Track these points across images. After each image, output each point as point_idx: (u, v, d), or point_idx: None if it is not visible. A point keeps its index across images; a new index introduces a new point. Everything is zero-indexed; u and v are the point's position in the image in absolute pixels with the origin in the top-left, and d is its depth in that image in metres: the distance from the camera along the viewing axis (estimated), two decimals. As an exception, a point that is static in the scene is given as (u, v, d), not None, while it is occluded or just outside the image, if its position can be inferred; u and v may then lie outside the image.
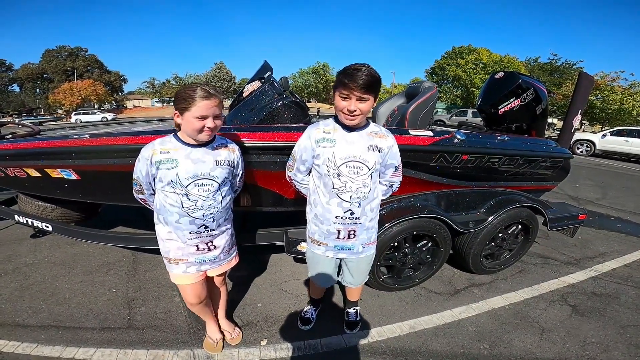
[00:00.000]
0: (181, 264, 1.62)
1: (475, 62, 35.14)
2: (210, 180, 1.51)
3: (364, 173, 1.56)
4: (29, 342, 1.97)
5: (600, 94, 22.04)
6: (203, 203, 1.51)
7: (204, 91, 1.38)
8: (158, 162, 1.45)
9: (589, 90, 3.64)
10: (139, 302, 2.39)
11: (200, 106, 1.37)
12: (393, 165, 1.68)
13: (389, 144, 1.61)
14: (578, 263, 3.30)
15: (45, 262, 2.92)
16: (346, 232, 1.68)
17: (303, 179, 1.74)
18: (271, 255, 3.12)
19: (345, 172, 1.55)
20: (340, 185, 1.56)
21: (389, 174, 1.71)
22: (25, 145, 2.31)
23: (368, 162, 1.56)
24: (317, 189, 1.65)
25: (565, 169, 3.37)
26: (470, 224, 2.54)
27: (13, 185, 2.72)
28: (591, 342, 2.17)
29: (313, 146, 1.58)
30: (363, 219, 1.66)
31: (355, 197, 1.58)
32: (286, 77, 2.95)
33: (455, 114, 21.78)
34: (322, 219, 1.67)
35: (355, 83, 1.37)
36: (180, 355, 1.91)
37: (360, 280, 1.94)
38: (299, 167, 1.68)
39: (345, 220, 1.64)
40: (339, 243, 1.72)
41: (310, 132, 1.60)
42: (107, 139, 2.13)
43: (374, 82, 1.40)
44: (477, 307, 2.47)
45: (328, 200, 1.61)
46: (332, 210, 1.62)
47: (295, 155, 1.67)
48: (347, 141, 1.54)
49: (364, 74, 1.38)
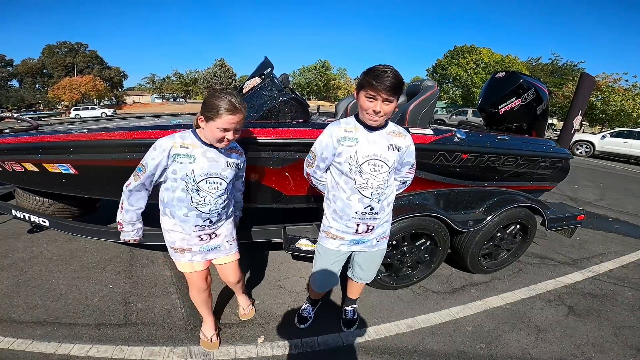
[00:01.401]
0: (187, 253, 1.69)
1: (477, 61, 35.13)
2: (220, 179, 1.60)
3: (384, 171, 1.61)
4: (24, 338, 1.96)
5: (601, 95, 22.02)
6: (211, 199, 1.60)
7: (230, 105, 1.43)
8: (176, 155, 1.50)
9: (590, 91, 3.64)
10: (136, 299, 2.38)
11: (224, 120, 1.44)
12: (409, 163, 1.73)
13: (407, 143, 1.65)
14: (575, 263, 3.30)
15: (42, 257, 2.91)
16: (364, 226, 1.71)
17: (322, 176, 1.77)
18: (269, 253, 3.12)
19: (367, 169, 1.58)
20: (362, 182, 1.60)
21: (405, 171, 1.76)
22: (23, 140, 2.29)
23: (388, 160, 1.60)
24: (336, 185, 1.68)
25: (564, 169, 3.37)
26: (468, 223, 2.54)
27: (10, 180, 2.70)
28: (587, 343, 2.17)
29: (335, 144, 1.60)
30: (381, 214, 1.70)
31: (375, 193, 1.63)
32: (287, 74, 2.94)
33: (456, 113, 21.75)
34: (342, 214, 1.69)
35: (383, 85, 1.39)
36: (176, 352, 1.90)
37: (370, 275, 1.96)
38: (319, 164, 1.70)
39: (364, 215, 1.67)
40: (355, 237, 1.75)
41: (332, 131, 1.62)
42: (105, 134, 2.12)
43: (399, 85, 1.43)
44: (474, 307, 2.47)
45: (349, 196, 1.64)
46: (353, 206, 1.65)
47: (316, 153, 1.68)
48: (368, 140, 1.58)
49: (391, 77, 1.40)
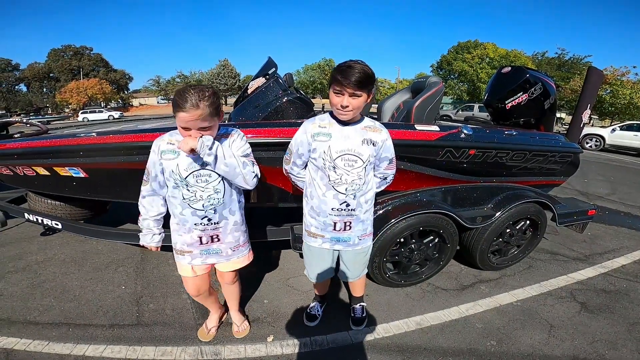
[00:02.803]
0: (187, 255, 1.67)
1: (482, 56, 34.78)
2: (208, 171, 1.52)
3: (358, 166, 1.61)
4: (40, 339, 2.00)
5: (610, 89, 21.71)
6: (202, 194, 1.53)
7: (188, 102, 1.31)
8: (162, 153, 1.50)
9: (598, 85, 3.58)
10: (147, 299, 2.41)
11: (179, 117, 1.34)
12: (387, 158, 1.72)
13: (382, 137, 1.65)
14: (587, 259, 3.26)
15: (55, 259, 2.96)
16: (342, 223, 1.72)
17: (299, 172, 1.78)
18: (277, 251, 3.13)
19: (341, 165, 1.59)
20: (336, 177, 1.61)
21: (383, 167, 1.75)
22: (33, 144, 2.33)
23: (362, 155, 1.60)
24: (313, 181, 1.70)
25: (574, 163, 3.33)
26: (477, 220, 2.52)
27: (22, 184, 2.75)
28: (600, 339, 2.15)
29: (309, 140, 1.62)
30: (358, 210, 1.71)
31: (350, 189, 1.64)
32: (291, 74, 2.94)
33: (462, 109, 21.58)
34: (319, 211, 1.72)
35: (348, 80, 1.41)
36: (187, 352, 1.93)
37: (357, 274, 1.96)
38: (296, 160, 1.73)
39: (341, 212, 1.69)
40: (335, 235, 1.76)
41: (306, 127, 1.65)
42: (113, 137, 2.15)
43: (365, 79, 1.43)
44: (484, 304, 2.46)
45: (324, 192, 1.66)
46: (329, 202, 1.67)
47: (292, 149, 1.71)
48: (342, 135, 1.59)
49: (357, 71, 1.41)
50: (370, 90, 1.50)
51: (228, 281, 1.91)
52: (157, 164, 1.52)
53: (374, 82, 1.49)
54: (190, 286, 1.78)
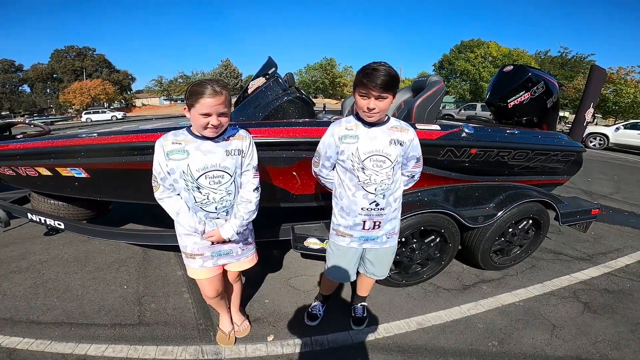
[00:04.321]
0: (198, 258, 1.66)
1: (484, 55, 34.65)
2: (221, 172, 1.51)
3: (387, 166, 1.62)
4: (43, 338, 2.01)
5: (613, 87, 21.57)
6: (215, 196, 1.52)
7: (210, 89, 1.38)
8: (169, 153, 1.47)
9: (601, 83, 3.56)
10: (149, 299, 2.42)
11: (203, 104, 1.38)
12: (415, 157, 1.74)
13: (409, 137, 1.66)
14: (591, 259, 3.24)
15: (58, 259, 2.98)
16: (371, 222, 1.73)
17: (328, 174, 1.80)
18: (279, 251, 3.14)
19: (369, 165, 1.60)
20: (365, 178, 1.62)
21: (411, 166, 1.77)
22: (35, 145, 2.34)
23: (390, 155, 1.61)
24: (342, 182, 1.71)
25: (577, 162, 3.31)
26: (479, 219, 2.51)
27: (25, 184, 2.77)
28: (603, 340, 2.13)
29: (337, 143, 1.64)
30: (387, 209, 1.71)
31: (379, 189, 1.64)
32: (291, 73, 2.94)
33: (464, 108, 21.48)
34: (349, 210, 1.72)
35: (373, 83, 1.42)
36: (188, 351, 1.93)
37: (383, 272, 1.96)
38: (324, 163, 1.74)
39: (370, 211, 1.69)
40: (364, 234, 1.76)
41: (333, 130, 1.65)
42: (114, 137, 2.15)
43: (391, 81, 1.44)
44: (486, 304, 2.45)
45: (354, 192, 1.67)
46: (358, 202, 1.67)
47: (320, 152, 1.73)
48: (369, 137, 1.60)
49: (382, 74, 1.42)
50: (395, 91, 1.51)
51: (232, 278, 1.93)
52: (163, 165, 1.50)
53: (399, 83, 1.51)
54: (208, 289, 1.76)
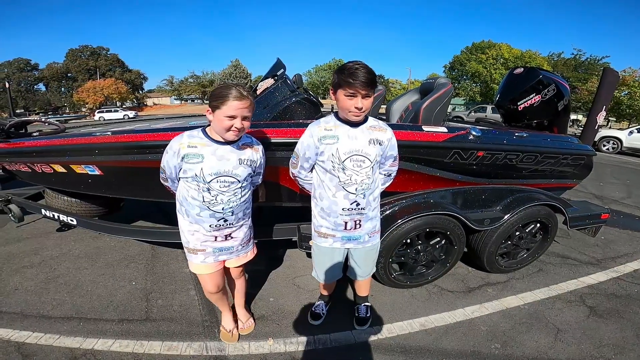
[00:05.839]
0: (200, 254, 1.70)
1: (496, 57, 34.29)
2: (232, 178, 1.57)
3: (366, 166, 1.64)
4: (52, 333, 2.05)
5: (628, 90, 21.13)
6: (223, 198, 1.58)
7: (237, 92, 1.44)
8: (184, 156, 1.51)
9: (614, 86, 3.52)
10: (157, 295, 2.47)
11: (230, 106, 1.42)
12: (392, 156, 1.78)
13: (387, 136, 1.69)
14: (599, 263, 3.20)
15: (69, 255, 3.05)
16: (352, 222, 1.75)
17: (307, 176, 1.80)
18: (284, 250, 3.17)
19: (350, 165, 1.62)
20: (345, 178, 1.64)
21: (388, 164, 1.80)
22: (52, 143, 2.41)
23: (370, 155, 1.63)
24: (322, 183, 1.72)
25: (587, 166, 3.27)
26: (485, 222, 2.50)
27: (40, 181, 2.85)
28: (607, 344, 2.11)
29: (316, 144, 1.64)
30: (367, 208, 1.75)
31: (360, 188, 1.66)
32: (300, 74, 2.97)
33: (474, 110, 21.28)
34: (329, 211, 1.73)
35: (359, 81, 1.45)
36: (193, 347, 1.97)
37: (368, 271, 1.98)
38: (303, 164, 1.74)
39: (351, 211, 1.71)
40: (346, 234, 1.78)
41: (312, 131, 1.65)
42: (127, 136, 2.21)
43: (374, 79, 1.49)
44: (490, 306, 2.44)
45: (334, 193, 1.68)
46: (339, 203, 1.69)
47: (299, 153, 1.72)
48: (349, 136, 1.61)
49: (366, 72, 1.46)
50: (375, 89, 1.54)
51: (236, 275, 1.96)
52: (175, 166, 1.55)
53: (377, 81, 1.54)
54: (210, 284, 1.80)
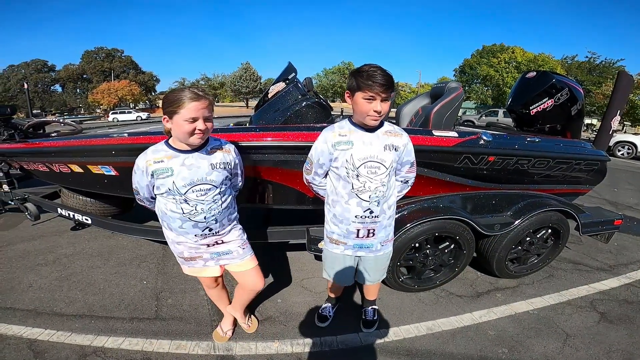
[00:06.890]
0: (198, 260, 1.69)
1: (509, 60, 33.90)
2: (207, 185, 1.50)
3: (381, 172, 1.59)
4: (63, 330, 2.10)
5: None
6: (203, 207, 1.51)
7: (192, 93, 1.35)
8: (153, 172, 1.45)
9: (628, 90, 3.46)
10: (167, 294, 2.51)
11: (189, 108, 1.33)
12: (409, 162, 1.70)
13: (404, 142, 1.63)
14: (611, 270, 3.14)
15: (83, 253, 3.12)
16: (365, 230, 1.70)
17: (321, 182, 1.76)
18: (293, 253, 3.18)
19: (364, 172, 1.57)
20: (359, 185, 1.59)
21: (405, 171, 1.73)
22: (70, 143, 2.48)
23: (385, 161, 1.58)
24: (335, 189, 1.68)
25: (601, 172, 3.21)
26: (495, 227, 2.48)
27: (57, 180, 2.93)
28: (617, 350, 2.08)
29: (330, 150, 1.60)
30: (382, 217, 1.68)
31: (374, 196, 1.61)
32: (310, 78, 3.00)
33: (486, 114, 21.02)
34: (342, 218, 1.69)
35: (378, 84, 1.40)
36: (201, 346, 1.99)
37: (377, 278, 1.96)
38: (317, 170, 1.70)
39: (364, 219, 1.66)
40: (358, 242, 1.74)
41: (326, 136, 1.62)
42: (144, 138, 2.27)
43: (392, 82, 1.46)
44: (498, 311, 2.42)
45: (347, 200, 1.64)
46: (352, 210, 1.64)
47: (313, 160, 1.68)
48: (364, 142, 1.56)
49: (384, 75, 1.42)
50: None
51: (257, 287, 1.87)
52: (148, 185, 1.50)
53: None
54: (206, 279, 1.81)
